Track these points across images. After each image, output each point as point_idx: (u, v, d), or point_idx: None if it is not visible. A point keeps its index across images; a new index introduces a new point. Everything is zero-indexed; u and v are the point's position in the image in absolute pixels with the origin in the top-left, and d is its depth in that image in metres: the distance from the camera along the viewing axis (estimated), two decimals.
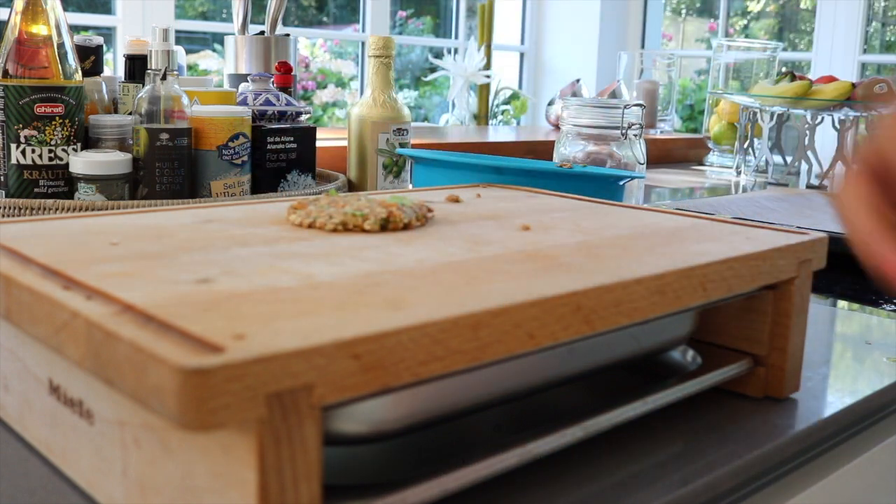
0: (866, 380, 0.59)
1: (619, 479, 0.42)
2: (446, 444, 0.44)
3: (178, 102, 0.85)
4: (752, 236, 0.52)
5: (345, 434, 0.36)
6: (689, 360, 0.54)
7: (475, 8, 2.67)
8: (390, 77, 1.11)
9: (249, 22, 1.20)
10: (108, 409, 0.36)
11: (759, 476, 0.46)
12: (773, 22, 3.50)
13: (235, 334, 0.30)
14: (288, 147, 0.96)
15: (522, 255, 0.45)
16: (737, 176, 1.83)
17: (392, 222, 0.50)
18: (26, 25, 0.81)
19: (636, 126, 1.12)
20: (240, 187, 0.89)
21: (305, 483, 0.30)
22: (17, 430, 0.45)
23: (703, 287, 0.45)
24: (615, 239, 0.50)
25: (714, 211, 1.07)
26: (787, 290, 0.52)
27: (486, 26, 2.47)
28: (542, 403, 0.49)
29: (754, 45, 1.98)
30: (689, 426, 0.49)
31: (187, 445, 0.32)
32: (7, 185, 0.83)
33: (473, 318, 0.34)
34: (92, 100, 0.90)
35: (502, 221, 0.55)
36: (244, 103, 0.95)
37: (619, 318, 0.40)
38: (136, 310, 0.32)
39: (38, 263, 0.39)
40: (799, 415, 0.51)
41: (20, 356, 0.43)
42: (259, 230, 0.49)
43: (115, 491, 0.37)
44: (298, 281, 0.38)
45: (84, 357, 0.32)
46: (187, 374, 0.27)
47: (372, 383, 0.31)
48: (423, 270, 0.40)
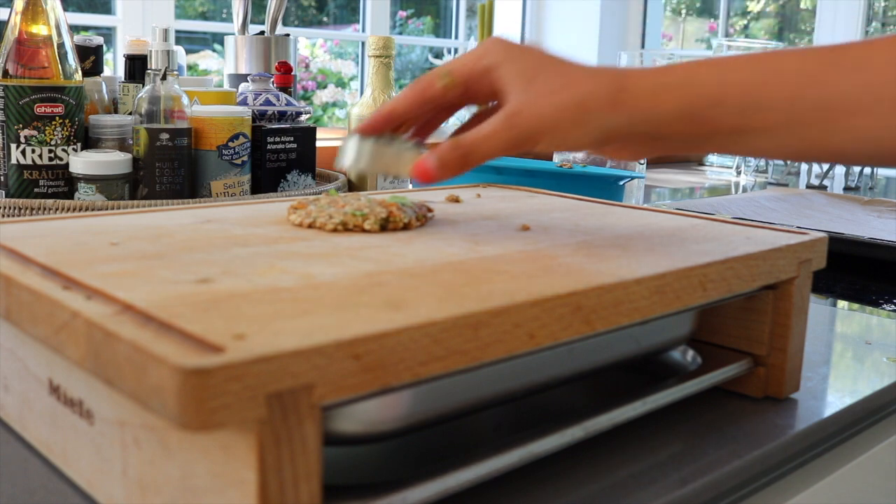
0: (866, 380, 0.59)
1: (619, 479, 0.42)
2: (446, 444, 0.44)
3: (178, 102, 0.85)
4: (752, 236, 0.52)
5: (345, 434, 0.36)
6: (689, 360, 0.54)
7: (475, 8, 2.67)
8: (390, 77, 1.11)
9: (249, 22, 1.20)
10: (108, 409, 0.36)
11: (759, 476, 0.46)
12: (773, 22, 3.49)
13: (235, 334, 0.30)
14: (288, 147, 0.96)
15: (522, 255, 0.45)
16: (737, 176, 1.83)
17: (392, 222, 0.50)
18: (26, 25, 0.81)
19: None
20: (240, 187, 0.89)
21: (305, 483, 0.30)
22: (17, 430, 0.45)
23: (703, 287, 0.45)
24: (615, 239, 0.50)
25: (714, 211, 1.07)
26: (787, 290, 0.52)
27: (486, 26, 2.47)
28: (542, 403, 0.49)
29: (754, 45, 1.98)
30: (689, 426, 0.49)
31: (187, 445, 0.32)
32: (7, 185, 0.83)
33: (473, 318, 0.34)
34: (92, 100, 0.90)
35: (502, 221, 0.55)
36: (244, 103, 0.95)
37: (619, 318, 0.40)
38: (136, 310, 0.32)
39: (38, 263, 0.39)
40: (799, 415, 0.51)
41: (20, 356, 0.43)
42: (259, 230, 0.49)
43: (115, 491, 0.37)
44: (298, 281, 0.38)
45: (84, 357, 0.32)
46: (187, 374, 0.27)
47: (372, 383, 0.31)
48: (423, 270, 0.40)
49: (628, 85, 0.47)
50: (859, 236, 0.96)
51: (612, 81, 0.47)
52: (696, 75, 0.47)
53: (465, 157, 0.49)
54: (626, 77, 0.47)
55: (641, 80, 0.47)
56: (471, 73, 0.50)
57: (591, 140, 0.48)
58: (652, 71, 0.47)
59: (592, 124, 0.47)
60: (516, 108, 0.47)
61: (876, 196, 1.43)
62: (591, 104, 0.47)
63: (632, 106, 0.46)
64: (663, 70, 0.47)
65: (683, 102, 0.46)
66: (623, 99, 0.46)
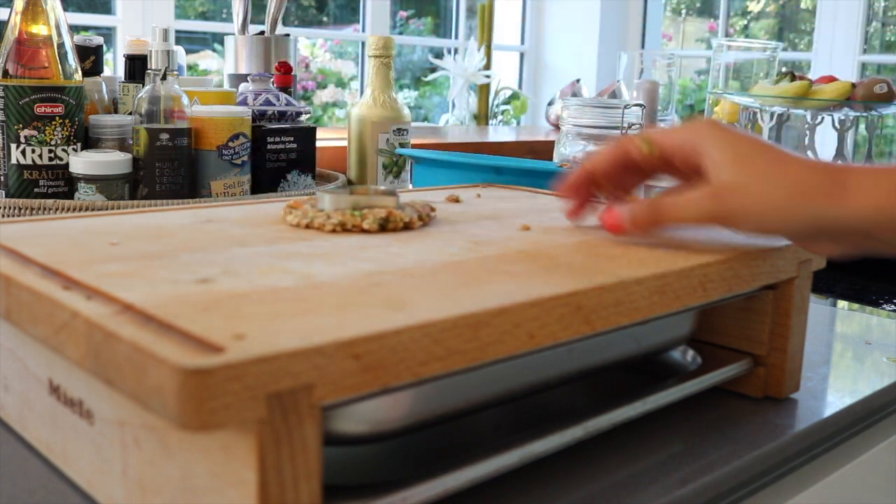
0: (866, 380, 0.59)
1: (619, 479, 0.42)
2: (446, 444, 0.44)
3: (178, 102, 0.85)
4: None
5: (345, 434, 0.36)
6: (689, 360, 0.54)
7: (475, 8, 2.66)
8: (390, 77, 1.11)
9: (249, 22, 1.20)
10: (108, 409, 0.36)
11: (759, 476, 0.46)
12: (773, 22, 3.49)
13: (235, 334, 0.30)
14: (288, 147, 0.96)
15: (522, 255, 0.45)
16: None
17: (391, 222, 0.50)
18: (26, 25, 0.81)
19: (636, 126, 1.12)
20: (240, 187, 0.89)
21: (305, 483, 0.30)
22: (17, 430, 0.45)
23: (703, 287, 0.45)
24: (615, 239, 0.50)
25: None
26: (787, 290, 0.52)
27: (486, 26, 2.47)
28: (542, 403, 0.49)
29: (754, 45, 1.98)
30: (689, 426, 0.49)
31: (187, 445, 0.32)
32: (7, 185, 0.83)
33: (473, 318, 0.34)
34: (92, 100, 0.90)
35: (502, 221, 0.55)
36: (244, 103, 0.95)
37: (619, 318, 0.40)
38: (136, 310, 0.32)
39: (38, 263, 0.39)
40: (799, 415, 0.51)
41: (20, 356, 0.43)
42: (259, 230, 0.49)
43: (115, 491, 0.37)
44: (298, 281, 0.38)
45: (84, 357, 0.32)
46: (187, 374, 0.27)
47: (372, 383, 0.31)
48: (423, 270, 0.40)
49: (849, 181, 0.45)
50: None
51: (832, 174, 0.45)
52: None
53: (657, 217, 0.48)
54: (848, 173, 0.45)
55: (864, 178, 0.45)
56: (679, 149, 0.49)
57: (798, 229, 0.46)
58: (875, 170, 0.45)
59: (804, 212, 0.45)
60: (727, 184, 0.46)
61: None
62: (807, 191, 0.45)
63: (852, 201, 0.44)
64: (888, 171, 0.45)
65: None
66: (842, 194, 0.45)
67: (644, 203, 0.49)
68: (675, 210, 0.48)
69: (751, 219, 0.46)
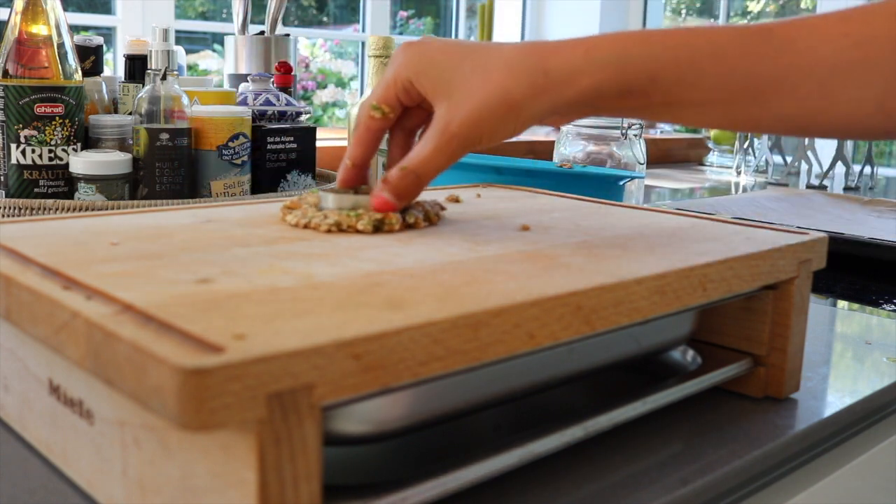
0: (866, 380, 0.59)
1: (619, 479, 0.42)
2: (446, 444, 0.44)
3: (178, 102, 0.85)
4: (752, 236, 0.52)
5: (345, 434, 0.36)
6: (689, 360, 0.54)
7: (475, 8, 2.66)
8: None
9: (249, 22, 1.20)
10: (108, 409, 0.36)
11: (759, 476, 0.46)
12: None
13: (235, 334, 0.30)
14: (288, 147, 0.96)
15: (522, 255, 0.45)
16: (737, 176, 1.83)
17: (387, 224, 0.49)
18: (26, 25, 0.81)
19: (636, 126, 1.12)
20: (240, 187, 0.89)
21: (305, 483, 0.30)
22: (17, 430, 0.45)
23: (703, 287, 0.45)
24: (615, 239, 0.50)
25: (714, 211, 1.07)
26: (787, 290, 0.52)
27: (486, 26, 2.47)
28: (542, 403, 0.49)
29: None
30: (689, 426, 0.49)
31: (187, 445, 0.32)
32: (7, 185, 0.83)
33: (473, 318, 0.34)
34: (92, 100, 0.90)
35: (502, 221, 0.55)
36: (244, 103, 0.95)
37: (619, 318, 0.40)
38: (136, 310, 0.32)
39: (38, 263, 0.39)
40: (799, 415, 0.51)
41: (20, 356, 0.43)
42: (259, 230, 0.49)
43: (115, 491, 0.37)
44: (298, 281, 0.38)
45: (84, 357, 0.32)
46: (187, 374, 0.27)
47: (372, 383, 0.31)
48: (423, 270, 0.40)
49: (550, 67, 0.47)
50: (859, 236, 0.96)
51: (533, 67, 0.47)
52: (627, 52, 0.47)
53: (416, 181, 0.50)
54: (548, 58, 0.47)
55: (566, 60, 0.47)
56: (396, 95, 0.51)
57: (526, 126, 0.49)
58: (577, 45, 0.47)
59: (523, 115, 0.47)
60: (444, 119, 0.48)
61: (876, 196, 1.43)
62: (516, 97, 0.47)
63: (556, 90, 0.47)
64: (590, 45, 0.47)
65: (614, 80, 0.46)
66: (546, 85, 0.47)
67: (396, 172, 0.50)
68: (424, 165, 0.49)
69: (483, 140, 0.48)
